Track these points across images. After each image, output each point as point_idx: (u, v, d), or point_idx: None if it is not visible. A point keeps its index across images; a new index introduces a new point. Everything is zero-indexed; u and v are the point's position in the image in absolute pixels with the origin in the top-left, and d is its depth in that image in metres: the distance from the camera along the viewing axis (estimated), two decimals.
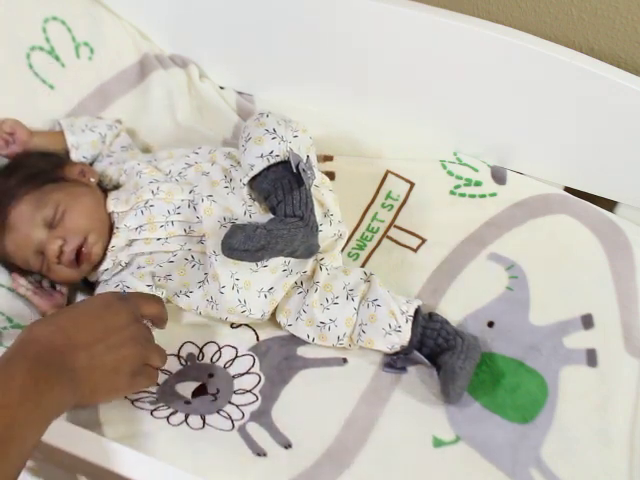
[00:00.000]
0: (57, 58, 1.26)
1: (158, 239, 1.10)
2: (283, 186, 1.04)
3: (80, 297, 1.17)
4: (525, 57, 1.19)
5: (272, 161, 1.05)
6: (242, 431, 1.00)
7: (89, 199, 1.11)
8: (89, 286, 1.16)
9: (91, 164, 1.23)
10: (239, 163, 1.13)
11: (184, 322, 1.14)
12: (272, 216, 1.07)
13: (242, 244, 0.98)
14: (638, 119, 1.16)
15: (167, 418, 1.00)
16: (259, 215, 1.09)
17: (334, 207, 1.14)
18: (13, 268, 1.12)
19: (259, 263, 1.06)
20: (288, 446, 0.99)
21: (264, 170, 1.05)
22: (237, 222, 1.08)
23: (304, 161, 1.06)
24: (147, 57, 1.33)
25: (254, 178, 1.07)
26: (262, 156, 1.05)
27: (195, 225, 1.10)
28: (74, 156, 1.22)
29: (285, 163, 1.05)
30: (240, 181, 1.10)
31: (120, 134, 1.26)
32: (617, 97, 1.16)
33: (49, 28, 1.25)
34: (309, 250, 1.05)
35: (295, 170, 1.03)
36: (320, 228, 1.09)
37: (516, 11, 1.30)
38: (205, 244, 1.09)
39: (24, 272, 1.13)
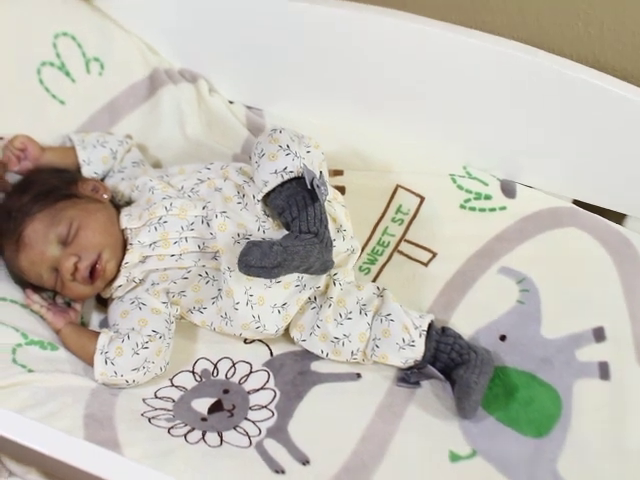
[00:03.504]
0: (67, 74, 1.27)
1: (172, 255, 1.10)
2: (297, 202, 1.04)
3: (94, 314, 1.17)
4: (534, 72, 1.20)
5: (286, 177, 1.05)
6: (259, 448, 1.00)
7: (102, 215, 1.11)
8: (102, 302, 1.17)
9: (102, 179, 1.23)
10: (252, 179, 1.13)
11: (198, 338, 1.15)
12: (286, 232, 1.07)
13: (259, 261, 0.98)
14: None
15: (185, 436, 1.00)
16: (273, 231, 1.10)
17: (346, 222, 1.14)
18: (27, 285, 1.13)
19: (273, 279, 1.06)
20: (306, 462, 0.99)
21: (278, 186, 1.06)
22: (251, 238, 1.09)
23: (318, 177, 1.06)
24: (157, 72, 1.34)
25: (268, 194, 1.07)
26: (276, 172, 1.06)
27: (209, 241, 1.10)
28: (85, 171, 1.22)
29: (299, 179, 1.06)
30: (253, 197, 1.10)
31: (131, 149, 1.26)
32: (623, 110, 1.17)
33: (59, 44, 1.26)
34: (324, 266, 1.06)
35: (309, 186, 1.04)
36: (334, 244, 1.10)
37: (521, 25, 1.30)
38: (219, 260, 1.09)
39: (37, 289, 1.13)
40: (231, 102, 1.38)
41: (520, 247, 1.21)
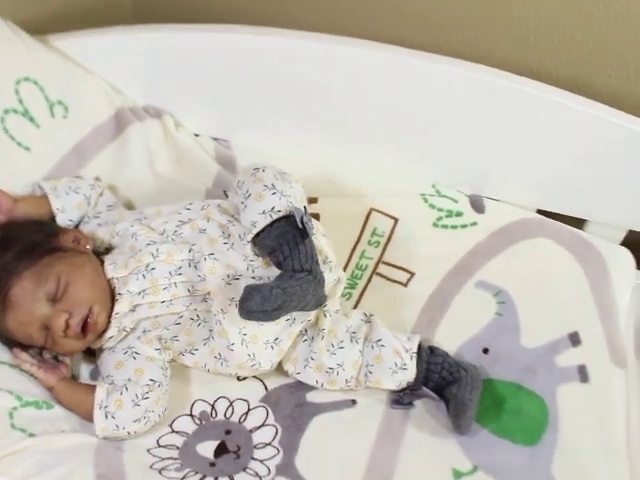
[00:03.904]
0: (32, 119, 1.24)
1: (162, 302, 1.11)
2: (288, 241, 1.06)
3: (83, 365, 1.16)
4: (490, 90, 1.25)
5: (275, 217, 1.07)
6: None
7: (89, 268, 1.10)
8: (90, 353, 1.16)
9: (77, 226, 1.22)
10: (234, 217, 1.14)
11: (190, 380, 1.15)
12: (275, 269, 1.09)
13: (260, 305, 1.00)
14: (597, 140, 1.23)
15: None
16: (262, 269, 1.11)
17: (330, 253, 1.16)
18: (13, 343, 1.10)
19: None
20: None
21: (267, 226, 1.07)
22: (241, 278, 1.10)
23: (304, 213, 1.08)
24: (122, 110, 1.33)
25: (257, 234, 1.08)
26: (264, 212, 1.07)
27: (198, 284, 1.11)
28: (60, 220, 1.20)
29: (286, 217, 1.07)
30: (239, 237, 1.11)
31: (103, 193, 1.25)
32: (577, 121, 1.23)
33: (22, 89, 1.23)
34: (318, 302, 1.08)
35: (300, 225, 1.06)
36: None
37: (476, 42, 1.34)
38: (210, 302, 1.10)
39: (24, 346, 1.11)
40: (196, 135, 1.38)
41: (493, 261, 1.26)
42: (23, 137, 1.23)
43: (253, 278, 1.10)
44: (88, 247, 1.14)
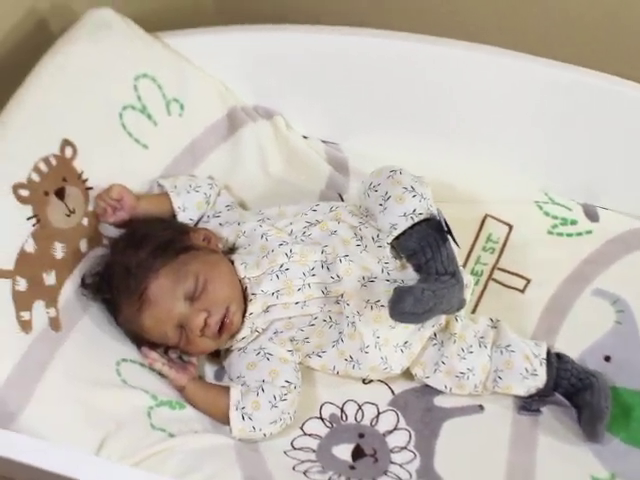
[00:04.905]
0: (149, 116, 1.23)
1: (297, 303, 1.09)
2: (430, 244, 1.05)
3: (207, 365, 1.15)
4: (603, 97, 1.24)
5: (416, 219, 1.06)
6: None
7: (225, 267, 1.09)
8: (214, 354, 1.14)
9: (195, 225, 1.20)
10: (366, 219, 1.13)
11: (315, 382, 1.14)
12: (409, 272, 1.08)
13: (412, 307, 0.99)
14: None
15: None
16: (397, 272, 1.10)
17: (458, 258, 1.16)
18: (142, 342, 1.09)
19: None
20: None
21: (408, 229, 1.06)
22: (376, 280, 1.09)
23: (444, 217, 1.07)
24: (234, 110, 1.31)
25: (396, 237, 1.07)
26: (405, 215, 1.06)
27: (331, 285, 1.10)
28: (181, 218, 1.19)
29: (427, 220, 1.07)
30: (373, 240, 1.11)
31: (220, 192, 1.24)
32: None
33: (140, 86, 1.22)
34: (461, 305, 1.07)
35: (445, 227, 1.05)
36: None
37: (578, 50, 1.35)
38: (344, 304, 1.09)
39: (152, 346, 1.09)
40: (305, 137, 1.37)
41: (609, 269, 1.26)
42: (141, 134, 1.22)
43: (388, 281, 1.09)
44: (220, 246, 1.13)
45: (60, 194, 1.10)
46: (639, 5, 1.31)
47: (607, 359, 1.19)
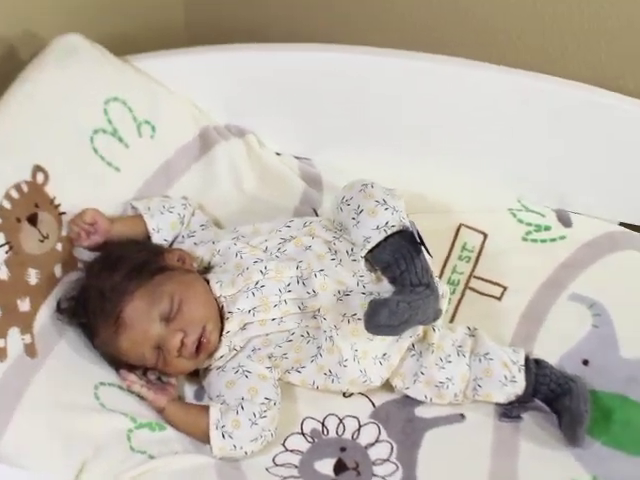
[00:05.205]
0: (120, 139, 1.23)
1: (273, 319, 1.09)
2: (404, 256, 1.05)
3: (186, 385, 1.14)
4: (571, 104, 1.26)
5: (389, 232, 1.06)
6: None
7: (200, 286, 1.09)
8: (193, 374, 1.14)
9: (170, 245, 1.20)
10: (339, 234, 1.14)
11: (296, 397, 1.14)
12: (385, 285, 1.09)
13: (387, 319, 0.99)
14: None
15: None
16: (372, 285, 1.10)
17: (433, 268, 1.16)
18: (121, 365, 1.09)
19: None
20: None
21: (381, 241, 1.07)
22: (351, 294, 1.10)
23: (417, 228, 1.08)
24: (207, 130, 1.32)
25: (369, 250, 1.08)
26: (378, 228, 1.07)
27: (307, 300, 1.10)
28: (155, 239, 1.19)
29: (399, 233, 1.07)
30: (347, 253, 1.11)
31: (195, 212, 1.24)
32: None
33: (110, 109, 1.22)
34: (436, 315, 1.08)
35: (418, 239, 1.05)
36: None
37: (544, 57, 1.36)
38: (321, 319, 1.09)
39: (130, 368, 1.09)
40: (278, 154, 1.37)
41: (584, 273, 1.27)
42: (113, 157, 1.22)
43: (364, 294, 1.09)
44: (195, 265, 1.13)
45: (33, 220, 1.10)
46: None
47: (585, 363, 1.19)
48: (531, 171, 1.33)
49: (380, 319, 0.99)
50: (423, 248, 1.07)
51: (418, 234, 1.07)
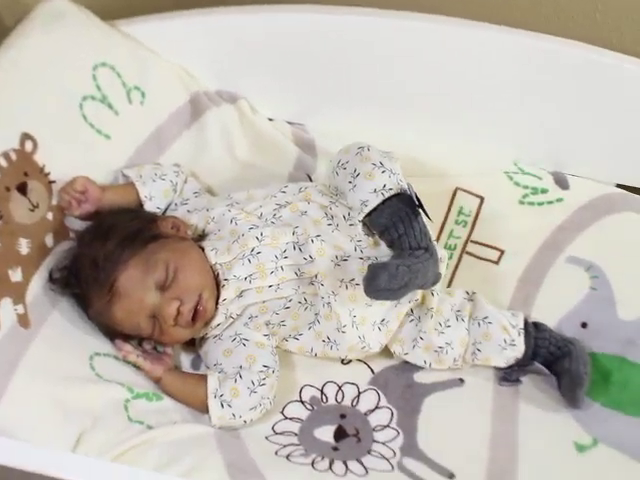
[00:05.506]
0: (110, 106, 1.20)
1: (270, 286, 1.08)
2: (402, 219, 1.04)
3: (183, 354, 1.13)
4: (568, 64, 1.24)
5: (387, 195, 1.05)
6: (402, 469, 1.01)
7: (195, 254, 1.07)
8: (189, 343, 1.12)
9: (163, 213, 1.18)
10: (335, 198, 1.12)
11: (294, 365, 1.13)
12: (383, 249, 1.08)
13: (387, 283, 0.97)
14: None
15: (330, 469, 0.99)
16: (370, 249, 1.09)
17: (431, 232, 1.15)
18: (116, 335, 1.07)
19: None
20: (452, 476, 1.00)
21: (379, 205, 1.05)
22: (349, 259, 1.08)
23: (415, 191, 1.06)
24: (197, 95, 1.29)
25: (367, 214, 1.06)
26: (375, 191, 1.05)
27: (304, 266, 1.08)
28: (148, 207, 1.17)
29: (397, 196, 1.06)
30: (344, 218, 1.09)
31: (187, 180, 1.22)
32: None
33: (99, 75, 1.19)
34: (436, 279, 1.06)
35: (417, 201, 1.04)
36: None
37: (537, 16, 1.34)
38: (318, 285, 1.07)
39: (125, 338, 1.08)
40: (270, 119, 1.35)
41: (582, 235, 1.26)
42: (102, 125, 1.19)
43: (361, 259, 1.08)
44: (189, 233, 1.11)
45: (22, 189, 1.08)
46: None
47: (584, 325, 1.19)
48: (527, 133, 1.31)
49: (380, 283, 0.97)
50: (422, 211, 1.06)
51: (416, 197, 1.05)
